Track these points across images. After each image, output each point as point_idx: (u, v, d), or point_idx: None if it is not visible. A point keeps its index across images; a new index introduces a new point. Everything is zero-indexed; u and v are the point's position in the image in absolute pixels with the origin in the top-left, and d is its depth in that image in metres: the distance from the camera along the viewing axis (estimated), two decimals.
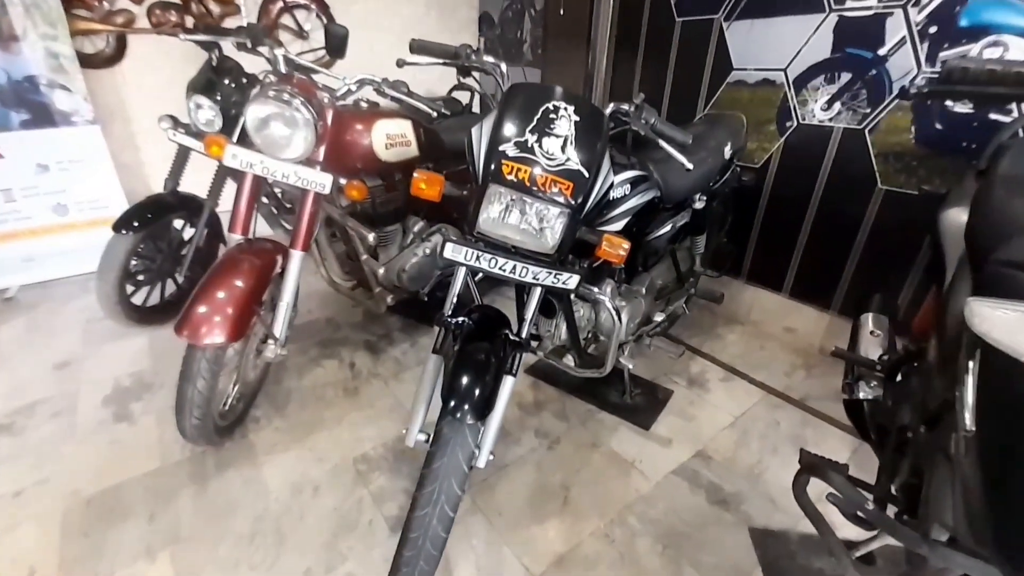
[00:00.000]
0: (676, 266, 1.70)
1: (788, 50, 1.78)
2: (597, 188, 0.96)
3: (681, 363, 1.95)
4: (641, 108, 1.12)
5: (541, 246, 0.97)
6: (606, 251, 1.00)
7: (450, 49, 1.25)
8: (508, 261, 0.97)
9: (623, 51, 2.36)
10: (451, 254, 0.97)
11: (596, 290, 1.19)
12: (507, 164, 0.91)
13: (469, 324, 1.06)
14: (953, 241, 1.11)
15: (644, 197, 1.29)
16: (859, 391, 1.23)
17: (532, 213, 0.94)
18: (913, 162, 1.58)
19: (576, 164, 0.92)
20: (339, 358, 1.94)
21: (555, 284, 1.00)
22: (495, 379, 0.97)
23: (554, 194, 0.91)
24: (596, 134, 0.96)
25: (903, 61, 1.53)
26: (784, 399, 1.76)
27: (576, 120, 0.94)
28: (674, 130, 1.16)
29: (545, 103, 0.94)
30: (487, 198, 0.93)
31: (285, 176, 1.35)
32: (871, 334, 1.34)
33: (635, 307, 1.45)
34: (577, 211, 0.93)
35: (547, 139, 0.92)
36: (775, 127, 1.89)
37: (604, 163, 0.98)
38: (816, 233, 1.88)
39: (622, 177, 1.20)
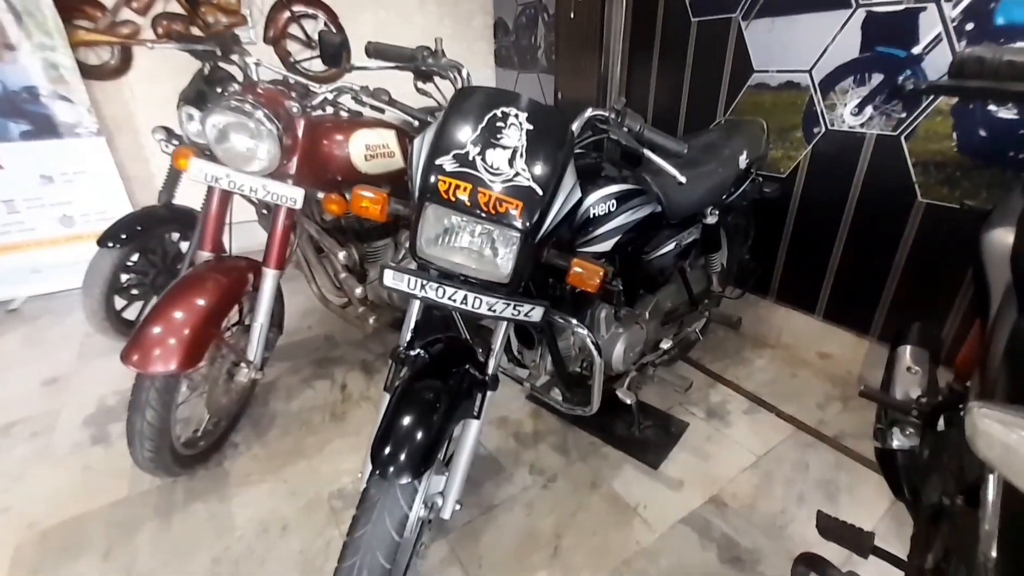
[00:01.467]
0: (687, 286, 1.64)
1: (813, 50, 1.73)
2: (556, 207, 0.91)
3: (700, 392, 1.88)
4: (623, 114, 1.09)
5: (495, 274, 0.91)
6: (578, 278, 0.96)
7: (406, 52, 1.25)
8: (458, 291, 0.91)
9: (638, 55, 2.36)
10: (390, 282, 0.93)
11: (574, 321, 1.15)
12: (444, 180, 0.86)
13: (424, 358, 1.03)
14: (998, 267, 1.03)
15: (638, 213, 1.26)
16: (892, 439, 1.14)
17: (479, 237, 0.89)
18: (956, 173, 1.50)
19: (527, 180, 0.87)
20: (332, 379, 1.96)
21: (515, 316, 0.94)
22: (442, 426, 0.90)
23: (501, 215, 0.86)
24: (554, 145, 0.90)
25: (940, 60, 1.47)
26: (816, 436, 1.66)
27: (529, 129, 0.89)
28: (663, 138, 1.13)
29: (492, 109, 0.89)
30: (423, 219, 0.89)
31: (253, 190, 1.35)
32: (908, 371, 1.25)
33: (634, 334, 1.40)
34: (530, 234, 0.88)
35: (492, 151, 0.87)
36: (801, 133, 1.84)
37: (566, 178, 0.93)
38: (851, 250, 1.80)
39: (604, 192, 1.17)
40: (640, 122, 1.13)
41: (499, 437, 1.67)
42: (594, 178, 1.20)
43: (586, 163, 1.25)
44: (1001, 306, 0.96)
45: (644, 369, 1.53)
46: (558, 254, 1.00)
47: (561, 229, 0.96)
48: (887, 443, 1.15)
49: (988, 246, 1.07)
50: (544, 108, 0.94)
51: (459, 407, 0.97)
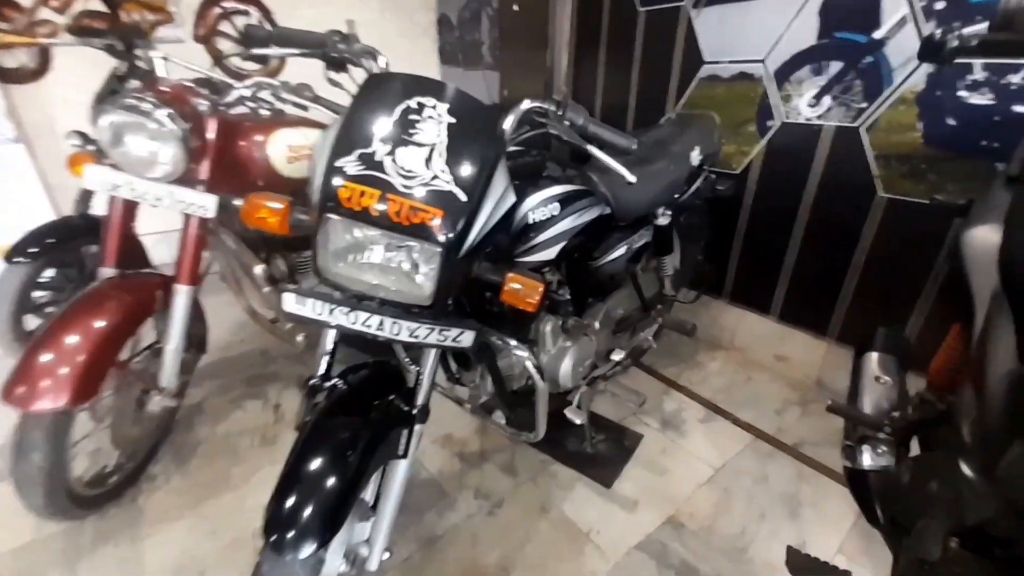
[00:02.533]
0: (639, 292, 1.41)
1: (767, 38, 1.51)
2: (485, 214, 0.69)
3: (654, 400, 1.66)
4: (564, 106, 0.85)
5: (414, 295, 0.70)
6: (513, 295, 0.73)
7: (313, 36, 0.99)
8: (372, 316, 0.70)
9: (584, 49, 2.10)
10: (292, 307, 0.70)
11: (513, 342, 0.91)
12: (347, 186, 0.64)
13: (341, 390, 0.79)
14: (982, 269, 0.82)
15: (585, 216, 1.01)
16: (862, 458, 0.93)
17: (393, 252, 0.68)
18: (922, 165, 1.30)
19: (447, 183, 0.66)
20: (264, 398, 1.67)
21: (442, 342, 0.74)
22: (359, 474, 0.70)
23: (417, 227, 0.64)
24: (481, 142, 0.70)
25: (905, 45, 1.25)
26: (775, 445, 1.46)
27: (450, 123, 0.67)
28: (610, 133, 0.89)
29: (405, 100, 0.68)
30: (322, 233, 0.67)
31: (158, 199, 1.12)
32: (876, 380, 1.05)
33: (583, 347, 1.16)
34: (454, 247, 0.66)
35: (405, 150, 0.65)
36: (755, 127, 1.61)
37: (496, 180, 0.71)
38: (807, 248, 1.59)
39: (545, 195, 0.93)
40: (584, 115, 0.89)
41: (442, 457, 1.43)
42: (534, 179, 0.96)
43: (525, 162, 1.00)
44: (991, 315, 0.75)
45: (595, 383, 1.30)
46: (491, 268, 0.79)
47: (494, 238, 0.75)
48: (857, 463, 0.94)
49: (970, 246, 0.86)
50: (469, 99, 0.72)
51: (381, 446, 0.77)
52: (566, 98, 0.87)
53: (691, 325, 1.54)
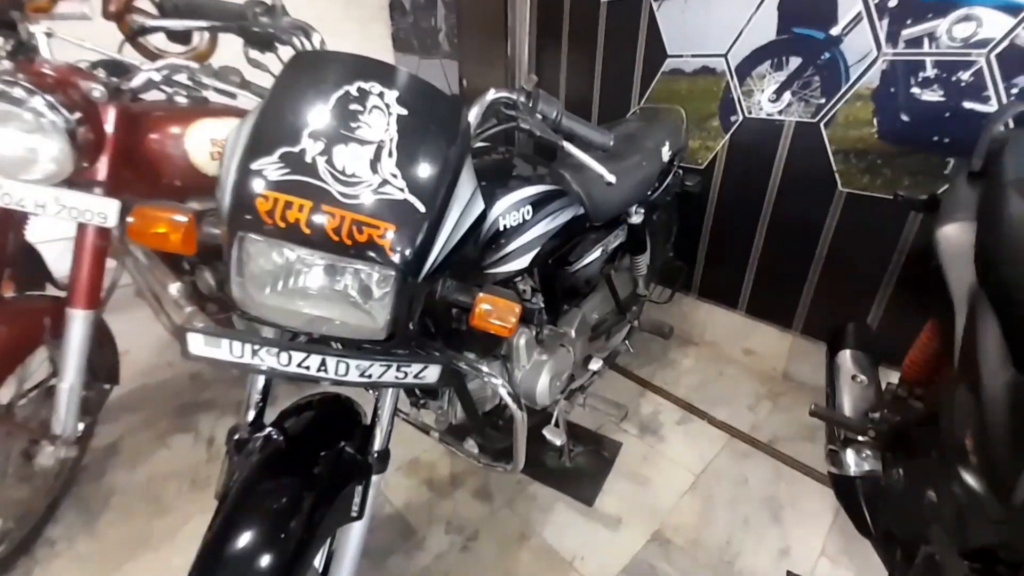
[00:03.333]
0: (614, 294, 1.36)
1: (728, 32, 1.50)
2: (449, 226, 0.59)
3: (630, 403, 1.62)
4: (535, 97, 0.76)
5: (366, 328, 0.58)
6: (485, 318, 0.63)
7: (230, 7, 0.85)
8: (310, 355, 0.58)
9: (546, 40, 2.03)
10: (200, 350, 0.57)
11: (485, 368, 0.81)
12: (266, 196, 0.51)
13: (277, 441, 0.66)
14: (958, 266, 0.83)
15: (559, 218, 0.93)
16: (848, 463, 0.92)
17: (334, 277, 0.56)
18: (878, 160, 1.33)
19: (400, 190, 0.54)
20: (195, 431, 1.47)
21: (401, 380, 0.63)
22: (300, 548, 0.58)
23: (362, 246, 0.52)
24: (441, 138, 0.59)
25: (860, 41, 1.28)
26: (751, 443, 1.46)
27: (401, 115, 0.56)
28: (585, 127, 0.82)
29: (343, 85, 0.55)
30: (236, 255, 0.53)
31: (40, 206, 0.92)
32: (853, 379, 1.05)
33: (561, 359, 1.09)
34: (412, 269, 0.55)
35: (343, 149, 0.53)
36: (719, 122, 1.61)
37: (462, 184, 0.61)
38: (771, 243, 1.62)
39: (516, 197, 0.84)
40: (557, 107, 0.81)
41: (408, 487, 1.30)
42: (503, 180, 0.86)
43: (492, 161, 0.91)
44: (974, 313, 0.75)
45: (573, 396, 1.23)
46: (459, 287, 0.68)
47: (461, 252, 0.64)
48: (844, 468, 0.93)
49: (944, 244, 0.86)
50: (424, 86, 0.60)
51: (330, 510, 0.64)
52: (537, 88, 0.79)
53: (668, 327, 1.52)
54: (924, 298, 1.33)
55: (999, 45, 1.09)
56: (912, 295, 1.36)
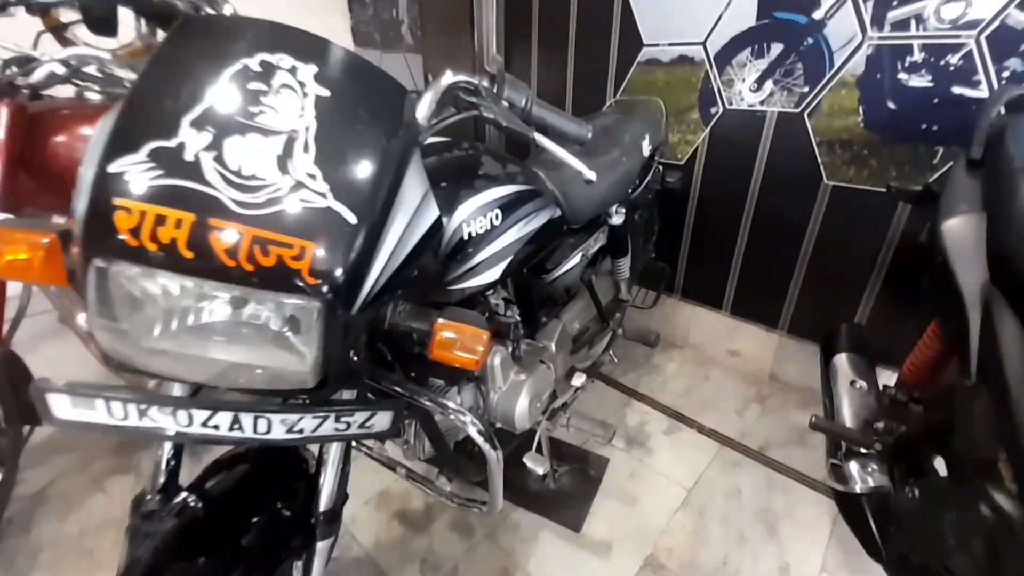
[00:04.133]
0: (596, 301, 1.26)
1: (706, 19, 1.42)
2: (393, 240, 0.47)
3: (616, 413, 1.53)
4: (500, 82, 0.65)
5: (288, 376, 0.46)
6: (445, 351, 0.52)
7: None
8: (217, 412, 0.46)
9: (515, 30, 1.91)
10: (68, 414, 0.44)
11: (452, 404, 0.69)
12: (128, 209, 0.38)
13: (193, 509, 0.54)
14: (967, 263, 0.75)
15: (533, 222, 0.82)
16: (853, 479, 0.85)
17: (247, 312, 0.43)
18: (864, 151, 1.27)
19: (322, 196, 0.42)
20: (136, 470, 1.31)
21: (342, 433, 0.52)
22: None
23: (268, 271, 0.40)
24: (379, 129, 0.47)
25: (844, 26, 1.21)
26: (742, 451, 1.38)
27: (321, 97, 0.44)
28: (559, 117, 0.71)
29: (240, 58, 0.43)
30: (91, 288, 0.40)
31: None
32: (852, 386, 0.98)
33: (541, 378, 0.98)
34: (342, 297, 0.43)
35: (238, 141, 0.41)
36: (698, 114, 1.53)
37: (408, 187, 0.49)
38: (755, 240, 1.54)
39: (483, 200, 0.72)
40: (526, 93, 0.70)
41: (378, 523, 1.18)
42: (466, 180, 0.74)
43: (452, 159, 0.79)
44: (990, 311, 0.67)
45: (556, 415, 1.12)
46: (414, 311, 0.56)
47: (411, 270, 0.52)
48: (849, 485, 0.85)
49: (950, 239, 0.78)
50: (355, 62, 0.49)
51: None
52: (502, 71, 0.67)
53: (654, 335, 1.43)
54: (915, 294, 1.27)
55: (990, 26, 1.03)
56: (902, 291, 1.30)
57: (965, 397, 0.66)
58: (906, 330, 1.29)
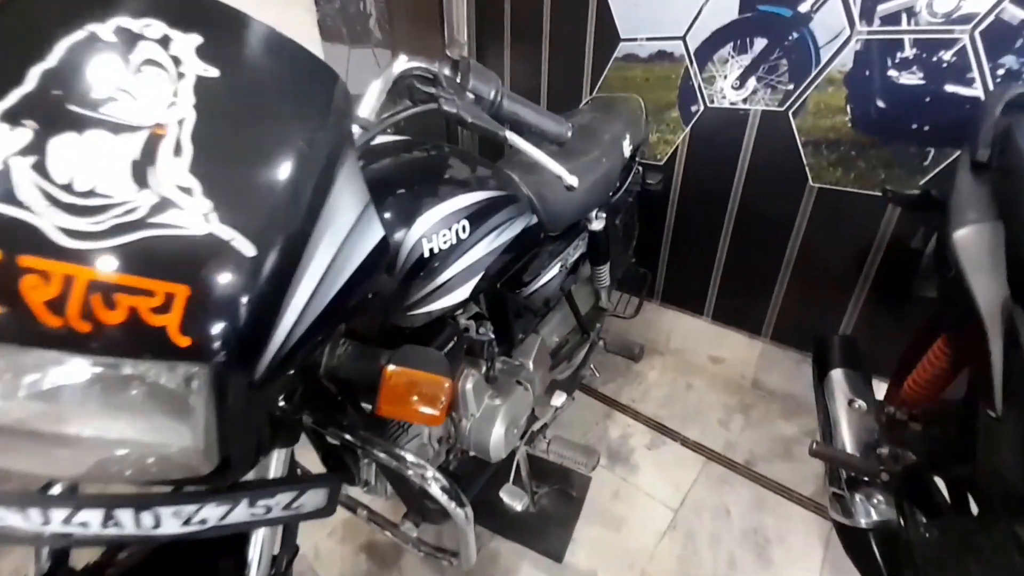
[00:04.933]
0: (576, 312, 1.16)
1: (686, 12, 1.32)
2: (314, 274, 0.35)
3: (597, 427, 1.44)
4: (463, 70, 0.54)
5: (178, 462, 0.33)
6: (397, 405, 0.41)
7: None
8: (81, 509, 0.35)
9: (487, 24, 1.79)
10: None
11: (410, 457, 0.57)
12: None
13: None
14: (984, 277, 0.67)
15: (507, 232, 0.71)
16: (858, 511, 0.76)
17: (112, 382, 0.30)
18: (851, 152, 1.20)
19: (201, 218, 0.30)
20: None
21: (260, 518, 0.40)
22: None
23: (117, 330, 0.27)
24: (293, 124, 0.35)
25: (831, 19, 1.13)
26: (728, 466, 1.30)
27: (207, 79, 0.32)
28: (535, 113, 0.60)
29: (86, 23, 0.30)
30: None
31: None
32: (851, 405, 0.90)
33: (518, 402, 0.87)
34: (238, 358, 0.31)
35: (73, 141, 0.28)
36: (678, 112, 1.44)
37: (340, 201, 0.38)
38: (738, 244, 1.47)
39: (446, 210, 0.60)
40: (495, 85, 0.58)
41: (343, 558, 1.05)
42: (427, 188, 0.62)
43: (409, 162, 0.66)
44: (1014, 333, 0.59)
45: (535, 438, 1.01)
46: (357, 353, 0.49)
47: (351, 302, 0.40)
48: (854, 519, 0.77)
49: (963, 250, 0.71)
50: (263, 34, 0.36)
51: None
52: (466, 57, 0.56)
53: (638, 347, 1.33)
54: (904, 302, 1.21)
55: (984, 20, 0.96)
56: (890, 298, 1.24)
57: (991, 430, 0.58)
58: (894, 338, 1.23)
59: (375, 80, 0.51)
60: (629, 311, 1.40)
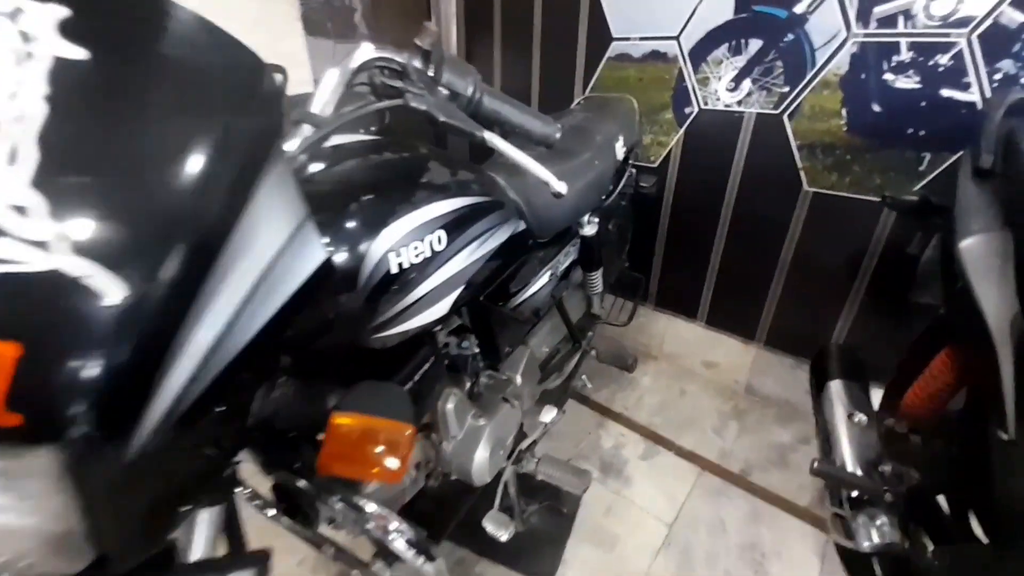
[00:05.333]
0: (567, 321, 1.11)
1: (680, 12, 1.29)
2: (225, 314, 0.28)
3: (589, 436, 1.39)
4: (435, 61, 0.49)
5: (42, 558, 0.26)
6: (342, 464, 0.35)
7: None
8: None
9: (476, 22, 1.74)
10: None
11: (371, 508, 0.50)
12: None
13: None
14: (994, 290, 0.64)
15: (491, 242, 0.66)
16: (861, 534, 0.73)
17: None
18: (847, 156, 1.17)
19: (37, 248, 0.22)
20: None
21: None
22: None
23: None
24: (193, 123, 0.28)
25: (828, 20, 1.10)
26: (723, 476, 1.27)
27: (68, 61, 0.25)
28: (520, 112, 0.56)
29: None
30: None
31: None
32: (851, 419, 0.87)
33: (504, 421, 0.82)
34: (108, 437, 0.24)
35: None
36: (672, 114, 1.40)
37: (267, 221, 0.31)
38: (732, 248, 1.44)
39: (415, 222, 0.53)
40: (472, 79, 0.53)
41: None
42: (396, 195, 0.54)
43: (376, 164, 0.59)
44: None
45: (523, 456, 0.96)
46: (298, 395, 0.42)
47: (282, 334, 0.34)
48: (857, 542, 0.73)
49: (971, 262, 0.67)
50: (159, 8, 0.29)
51: None
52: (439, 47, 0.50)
53: (631, 358, 1.29)
54: (900, 307, 1.18)
55: (982, 24, 0.94)
56: (886, 303, 1.22)
57: (1005, 453, 0.54)
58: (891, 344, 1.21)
59: (330, 70, 0.45)
60: (622, 318, 1.35)
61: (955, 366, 0.75)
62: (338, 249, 0.46)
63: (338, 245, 0.46)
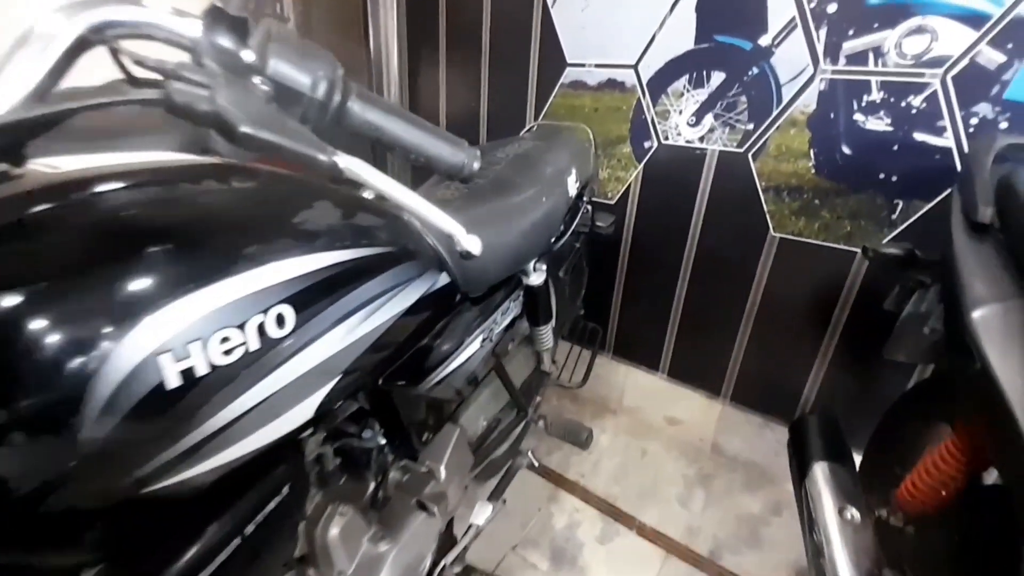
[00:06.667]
0: (509, 386, 0.91)
1: (637, 38, 1.18)
2: None
3: (540, 513, 1.18)
4: (260, 41, 0.29)
5: None
6: None
7: None
8: None
9: (419, 40, 1.58)
10: None
11: None
12: None
13: None
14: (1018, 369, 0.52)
15: (388, 308, 0.46)
16: None
17: None
18: (815, 200, 1.07)
19: None
20: None
21: None
22: None
23: None
24: None
25: (794, 55, 1.01)
26: (690, 561, 1.08)
27: None
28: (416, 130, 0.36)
29: None
30: None
31: None
32: (842, 515, 0.71)
33: (417, 537, 0.60)
34: None
35: None
36: (630, 148, 1.28)
37: None
38: (695, 295, 1.30)
39: (219, 297, 0.31)
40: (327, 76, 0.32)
41: None
42: (205, 251, 0.32)
43: (188, 198, 0.35)
44: None
45: (445, 573, 0.73)
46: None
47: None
48: None
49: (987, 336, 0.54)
50: None
51: None
52: (269, 18, 0.31)
53: (586, 433, 1.10)
54: (872, 364, 1.07)
55: (957, 64, 0.87)
56: (859, 359, 1.11)
57: None
58: (863, 403, 1.09)
59: (33, 32, 0.25)
60: (576, 378, 1.17)
61: (964, 456, 0.61)
62: (33, 357, 0.24)
63: (38, 350, 0.25)
